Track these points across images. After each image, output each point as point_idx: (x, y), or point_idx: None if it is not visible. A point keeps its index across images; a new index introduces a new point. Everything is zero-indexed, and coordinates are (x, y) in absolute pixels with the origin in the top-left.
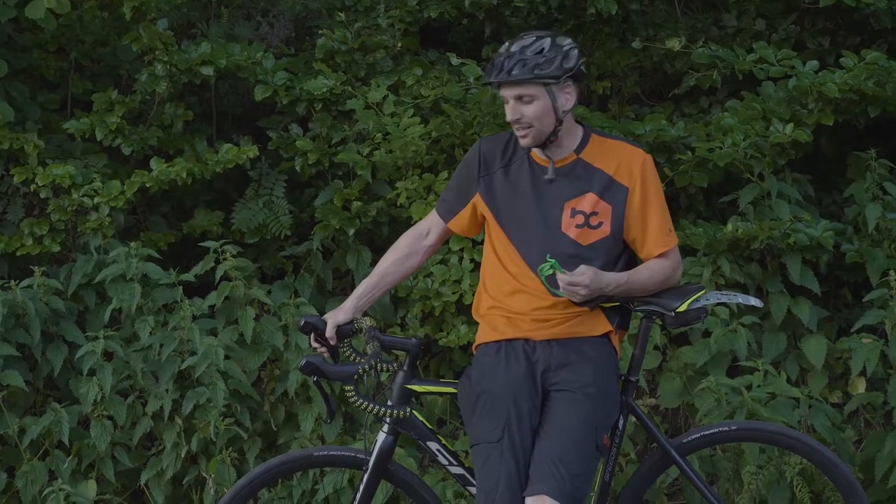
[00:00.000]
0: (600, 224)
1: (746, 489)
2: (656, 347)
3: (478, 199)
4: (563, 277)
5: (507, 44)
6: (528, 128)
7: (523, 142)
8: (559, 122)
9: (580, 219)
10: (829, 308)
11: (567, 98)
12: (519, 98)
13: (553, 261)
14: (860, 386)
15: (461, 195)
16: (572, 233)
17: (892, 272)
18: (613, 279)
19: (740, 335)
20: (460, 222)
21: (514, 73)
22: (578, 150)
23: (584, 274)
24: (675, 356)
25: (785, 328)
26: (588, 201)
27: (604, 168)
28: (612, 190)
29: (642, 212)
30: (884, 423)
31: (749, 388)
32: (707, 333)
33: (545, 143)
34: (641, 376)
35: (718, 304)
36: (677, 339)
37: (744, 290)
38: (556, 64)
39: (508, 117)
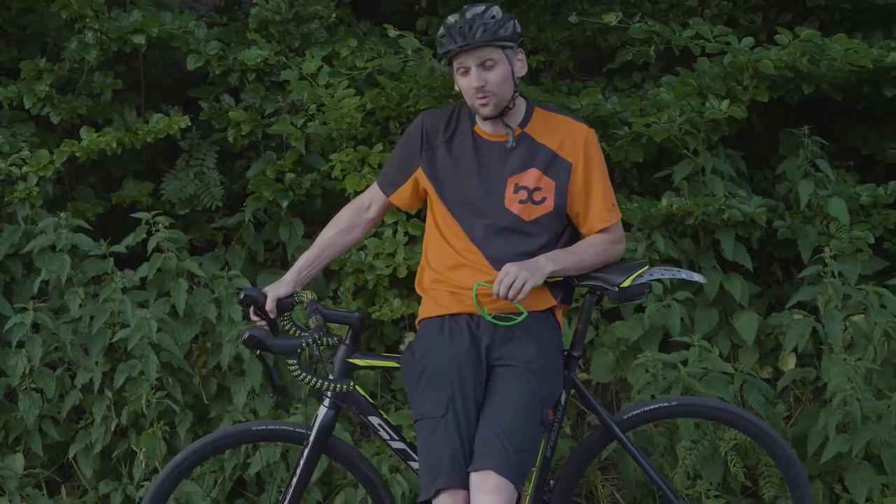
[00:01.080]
0: (544, 199)
1: (681, 464)
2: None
3: (420, 174)
4: (494, 287)
5: (456, 15)
6: (491, 95)
7: (485, 111)
8: (515, 87)
9: (523, 194)
10: (759, 284)
11: (520, 64)
12: (482, 64)
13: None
14: (790, 362)
15: (403, 169)
16: (515, 208)
17: (826, 249)
18: (543, 257)
19: (674, 311)
20: (402, 196)
21: (478, 36)
22: (523, 124)
23: (508, 270)
24: (608, 331)
25: (717, 304)
26: (531, 176)
27: (547, 143)
28: (555, 165)
29: (585, 187)
30: (812, 399)
31: (684, 363)
32: (640, 308)
33: (503, 111)
34: None
35: (662, 279)
36: (609, 314)
37: (677, 265)
38: (511, 28)
39: (473, 84)
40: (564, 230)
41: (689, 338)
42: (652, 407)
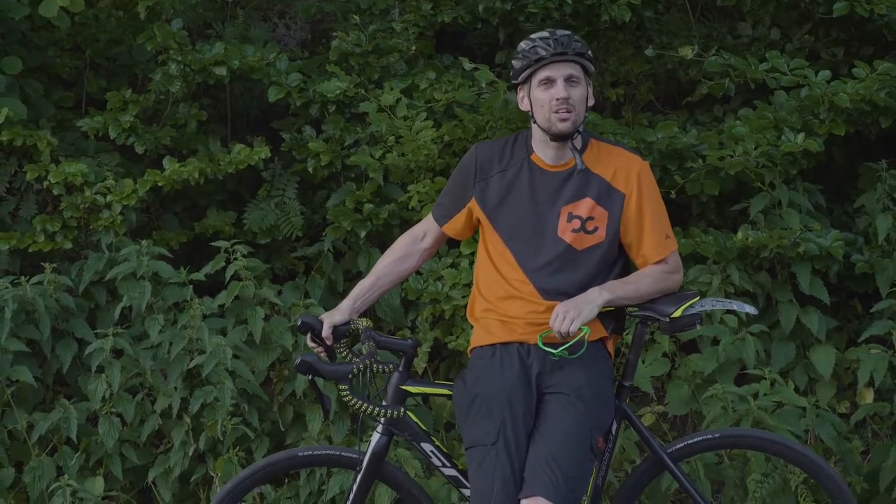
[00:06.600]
0: (596, 229)
1: (751, 497)
2: (665, 355)
3: (473, 204)
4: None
5: (543, 32)
6: (573, 111)
7: (564, 125)
8: (585, 115)
9: (576, 223)
10: (838, 318)
11: (591, 95)
12: (568, 78)
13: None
14: (868, 396)
15: (456, 200)
16: (568, 237)
17: None
18: (597, 288)
19: (749, 344)
20: (455, 226)
21: (572, 47)
22: (580, 153)
23: (557, 312)
24: (684, 364)
25: (794, 337)
26: (585, 206)
27: (602, 173)
28: (609, 195)
29: (639, 217)
30: (891, 434)
31: (756, 396)
32: (716, 341)
33: (574, 133)
34: (649, 383)
35: (713, 310)
36: (686, 347)
37: (753, 298)
38: (591, 55)
39: (559, 95)
40: (616, 261)
41: (762, 371)
42: (696, 439)
